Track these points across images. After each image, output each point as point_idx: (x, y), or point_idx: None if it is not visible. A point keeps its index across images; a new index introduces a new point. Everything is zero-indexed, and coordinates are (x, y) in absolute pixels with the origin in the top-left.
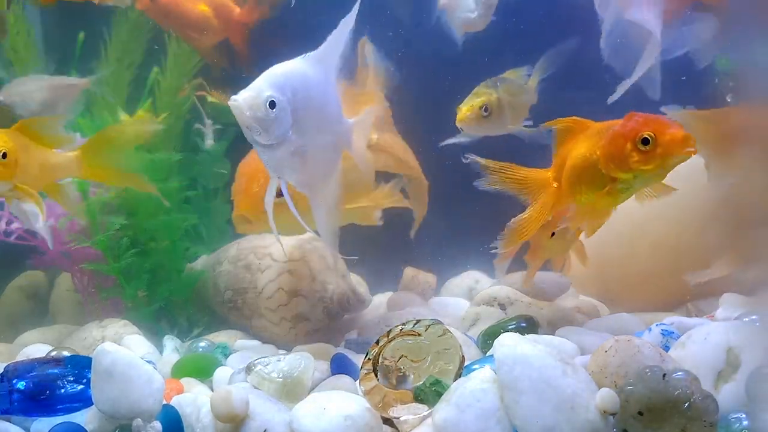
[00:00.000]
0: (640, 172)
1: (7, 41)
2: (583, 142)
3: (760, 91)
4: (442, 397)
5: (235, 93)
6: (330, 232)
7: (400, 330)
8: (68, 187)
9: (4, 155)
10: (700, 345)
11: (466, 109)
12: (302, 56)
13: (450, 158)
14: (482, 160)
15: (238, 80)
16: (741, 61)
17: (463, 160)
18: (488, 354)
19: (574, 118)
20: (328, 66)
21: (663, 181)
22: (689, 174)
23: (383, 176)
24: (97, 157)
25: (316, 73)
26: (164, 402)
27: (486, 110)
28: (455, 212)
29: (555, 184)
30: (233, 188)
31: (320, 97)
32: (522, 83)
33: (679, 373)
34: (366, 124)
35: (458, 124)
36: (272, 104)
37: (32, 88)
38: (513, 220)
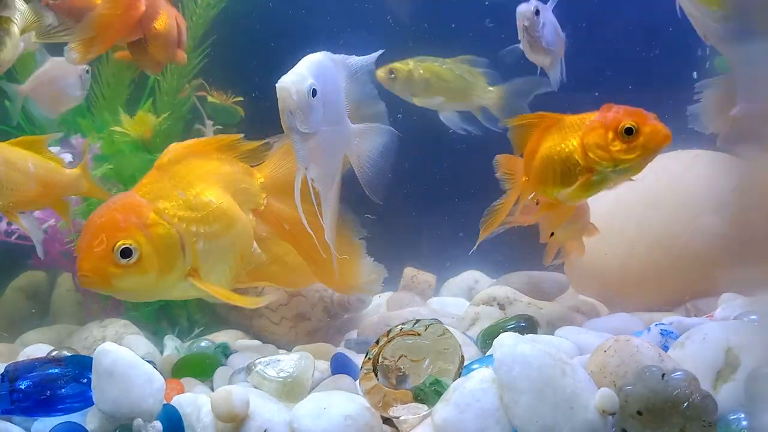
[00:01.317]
0: (621, 162)
1: None
2: (555, 133)
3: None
4: (442, 396)
5: None
6: (331, 233)
7: (400, 330)
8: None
9: None
10: (699, 345)
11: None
12: (323, 52)
13: (450, 158)
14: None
15: None
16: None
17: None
18: (488, 354)
19: (540, 113)
20: (341, 69)
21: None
22: (689, 174)
23: None
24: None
25: (336, 72)
26: (165, 402)
27: (391, 73)
28: (455, 212)
29: (524, 177)
30: (78, 243)
31: (338, 94)
32: (464, 70)
33: (678, 373)
34: (366, 132)
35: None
36: (314, 92)
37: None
38: (491, 206)
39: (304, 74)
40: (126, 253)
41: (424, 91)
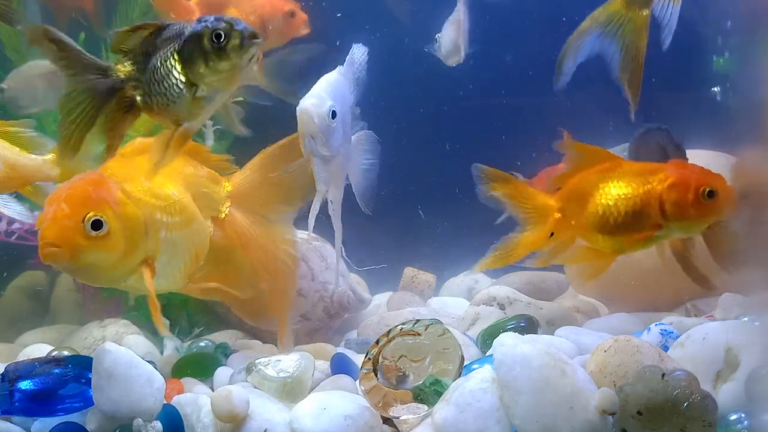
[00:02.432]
0: (696, 223)
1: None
2: (617, 179)
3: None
4: (442, 396)
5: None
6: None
7: (400, 330)
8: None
9: None
10: (699, 345)
11: None
12: (337, 69)
13: (450, 158)
14: (485, 169)
15: None
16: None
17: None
18: (488, 354)
19: (599, 148)
20: (349, 83)
21: None
22: None
23: None
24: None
25: (347, 88)
26: (165, 402)
27: None
28: (455, 212)
29: (558, 215)
30: (42, 214)
31: (348, 110)
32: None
33: (678, 373)
34: (357, 142)
35: None
36: (333, 114)
37: (34, 75)
38: (505, 237)
39: (324, 97)
40: (96, 225)
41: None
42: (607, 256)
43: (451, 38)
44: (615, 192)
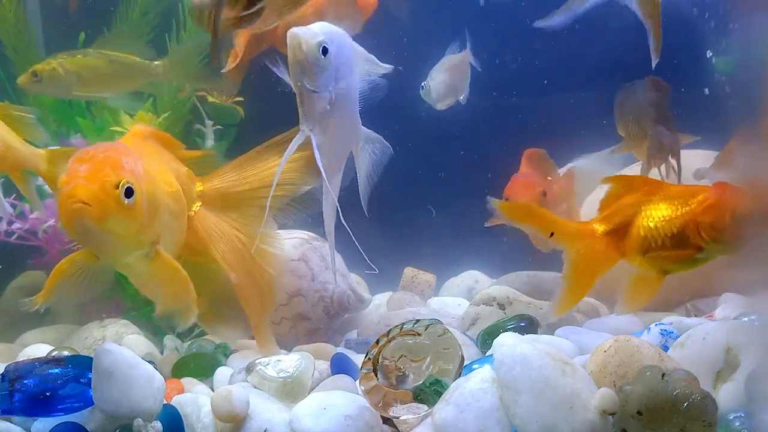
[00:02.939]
0: (730, 246)
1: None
2: (661, 203)
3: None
4: (442, 396)
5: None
6: (331, 229)
7: (400, 330)
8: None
9: None
10: (699, 345)
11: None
12: (345, 33)
13: (450, 158)
14: (503, 204)
15: None
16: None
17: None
18: (488, 354)
19: (645, 177)
20: (358, 56)
21: None
22: (690, 173)
23: None
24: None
25: (351, 52)
26: (165, 402)
27: (35, 76)
28: (455, 212)
29: (601, 236)
30: (68, 173)
31: (350, 74)
32: (115, 55)
33: (678, 373)
34: (372, 139)
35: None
36: (324, 50)
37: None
38: (562, 275)
39: (317, 32)
40: (129, 192)
41: (80, 84)
42: (655, 279)
43: (445, 83)
44: (657, 214)
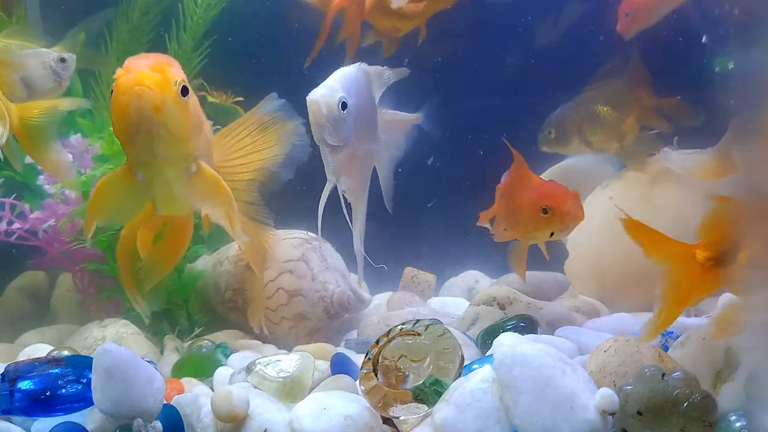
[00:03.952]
0: None
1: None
2: None
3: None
4: (442, 396)
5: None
6: (360, 243)
7: (400, 330)
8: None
9: None
10: (699, 345)
11: None
12: (359, 64)
13: (449, 158)
14: (626, 216)
15: None
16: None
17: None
18: (487, 354)
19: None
20: (375, 82)
21: None
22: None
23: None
24: (29, 124)
25: (370, 85)
26: (165, 402)
27: None
28: (455, 212)
29: (703, 261)
30: (126, 66)
31: (371, 107)
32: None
33: (678, 373)
34: (394, 143)
35: None
36: (344, 105)
37: None
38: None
39: (335, 87)
40: (185, 91)
41: None
42: None
43: None
44: None
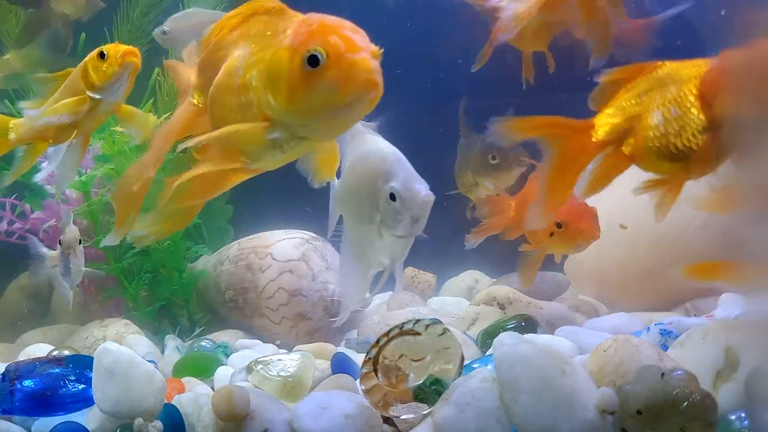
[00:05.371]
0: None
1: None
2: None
3: None
4: (442, 396)
5: None
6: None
7: (400, 329)
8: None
9: None
10: (698, 344)
11: None
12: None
13: (449, 158)
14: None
15: None
16: None
17: None
18: (487, 353)
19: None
20: None
21: None
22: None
23: None
24: None
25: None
26: (165, 401)
27: None
28: (455, 212)
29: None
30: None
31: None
32: None
33: (678, 373)
34: None
35: None
36: (393, 197)
37: (197, 22)
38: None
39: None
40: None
41: None
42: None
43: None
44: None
